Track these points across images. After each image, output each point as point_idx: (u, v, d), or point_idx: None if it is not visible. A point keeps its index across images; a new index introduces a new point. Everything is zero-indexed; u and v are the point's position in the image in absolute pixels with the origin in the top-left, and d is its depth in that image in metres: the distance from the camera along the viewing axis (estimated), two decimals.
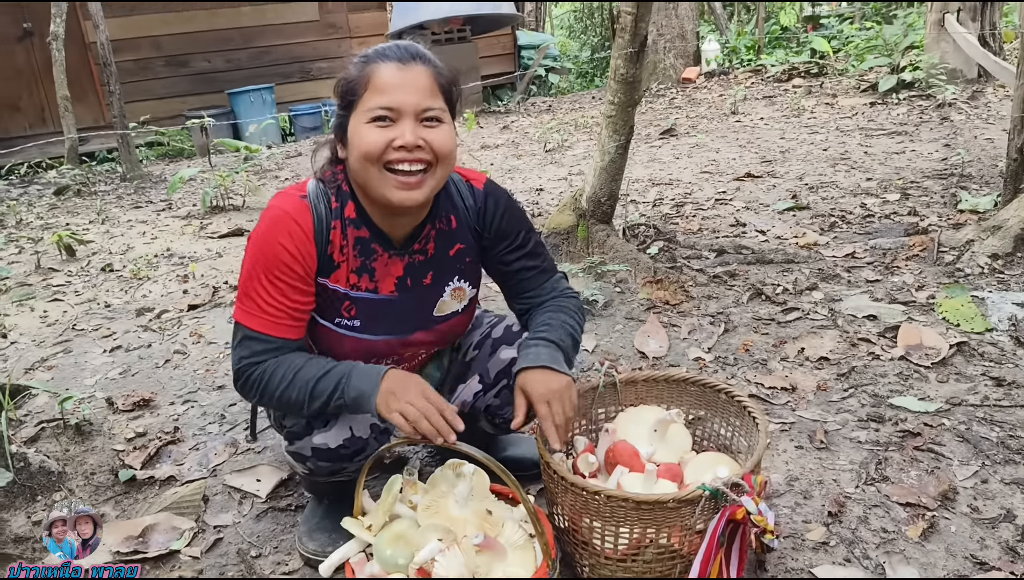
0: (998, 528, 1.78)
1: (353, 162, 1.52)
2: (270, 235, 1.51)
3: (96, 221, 5.48)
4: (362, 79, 1.49)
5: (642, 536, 1.50)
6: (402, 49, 1.51)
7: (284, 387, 1.51)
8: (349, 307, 1.62)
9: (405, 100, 1.47)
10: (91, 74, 9.48)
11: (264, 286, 1.51)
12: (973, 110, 6.14)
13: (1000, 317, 2.72)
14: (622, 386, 1.94)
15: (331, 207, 1.57)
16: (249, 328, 1.53)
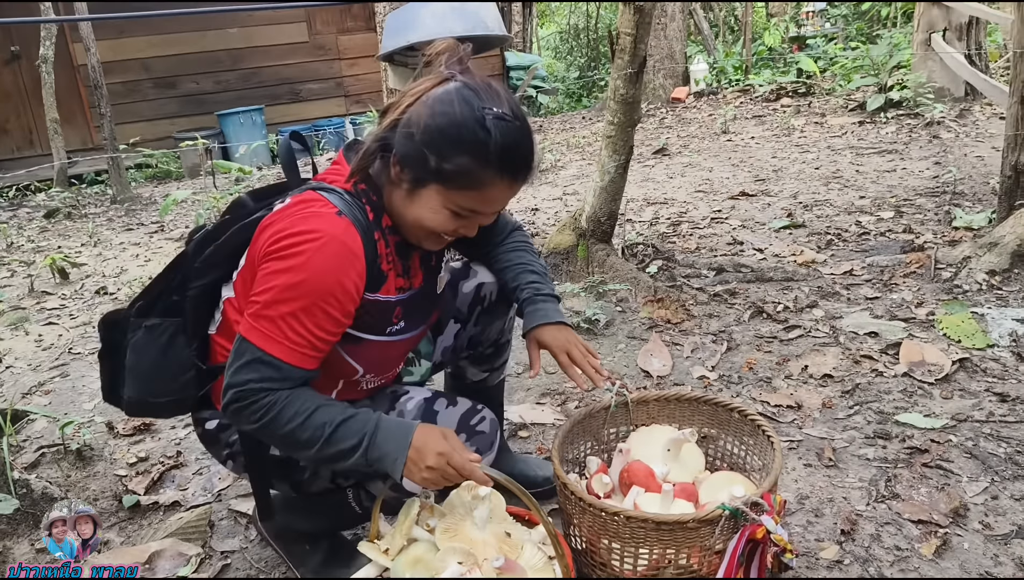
0: (1011, 544, 1.78)
1: (407, 212, 1.44)
2: (322, 265, 1.36)
3: (88, 244, 5.44)
4: (474, 178, 1.36)
5: (661, 557, 1.49)
6: (523, 165, 1.41)
7: (295, 426, 1.37)
8: (397, 314, 1.55)
9: (491, 210, 1.45)
10: (79, 96, 9.46)
11: (297, 316, 1.36)
12: (961, 128, 6.21)
13: (1001, 333, 2.74)
14: (634, 406, 1.93)
15: (368, 219, 1.46)
16: (265, 351, 1.37)
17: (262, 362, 1.37)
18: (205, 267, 1.56)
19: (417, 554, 1.47)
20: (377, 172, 1.47)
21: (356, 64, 10.69)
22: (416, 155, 1.37)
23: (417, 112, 1.38)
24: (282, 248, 1.37)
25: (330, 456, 1.39)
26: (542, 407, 2.56)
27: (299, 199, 1.43)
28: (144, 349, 1.58)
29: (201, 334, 1.62)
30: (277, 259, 1.37)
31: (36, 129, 9.29)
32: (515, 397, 2.66)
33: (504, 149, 1.35)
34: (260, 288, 1.39)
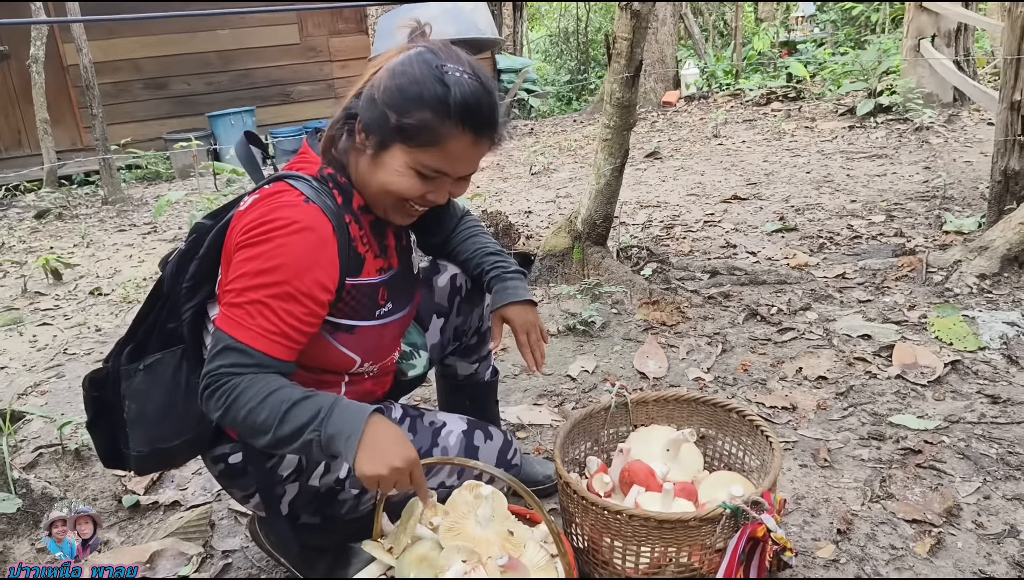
0: (1003, 543, 1.81)
1: (374, 179, 1.43)
2: (290, 251, 1.35)
3: (81, 245, 5.42)
4: (434, 133, 1.36)
5: (663, 555, 1.51)
6: (484, 120, 1.39)
7: (253, 406, 1.32)
8: (383, 293, 1.55)
9: (457, 170, 1.43)
10: (69, 97, 9.41)
11: (267, 302, 1.35)
12: (950, 133, 6.28)
13: (991, 335, 2.77)
14: (633, 406, 1.95)
15: (337, 203, 1.44)
16: (236, 338, 1.34)
17: (233, 349, 1.34)
18: (194, 285, 1.49)
19: (421, 552, 1.48)
20: (343, 146, 1.46)
21: (347, 66, 10.69)
22: (378, 117, 1.37)
23: (379, 77, 1.39)
24: (252, 237, 1.36)
25: (285, 437, 1.32)
26: (539, 408, 2.58)
27: (267, 191, 1.42)
28: (147, 392, 1.51)
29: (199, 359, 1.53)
30: (247, 247, 1.36)
31: (25, 129, 9.24)
32: (512, 398, 2.67)
33: (464, 103, 1.35)
34: (232, 277, 1.37)
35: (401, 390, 1.88)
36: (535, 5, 18.52)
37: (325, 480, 1.59)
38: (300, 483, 1.59)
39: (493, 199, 5.90)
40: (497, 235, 3.68)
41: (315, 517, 1.65)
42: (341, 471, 1.60)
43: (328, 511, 1.63)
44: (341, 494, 1.61)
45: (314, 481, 1.59)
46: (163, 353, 1.53)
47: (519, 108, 11.69)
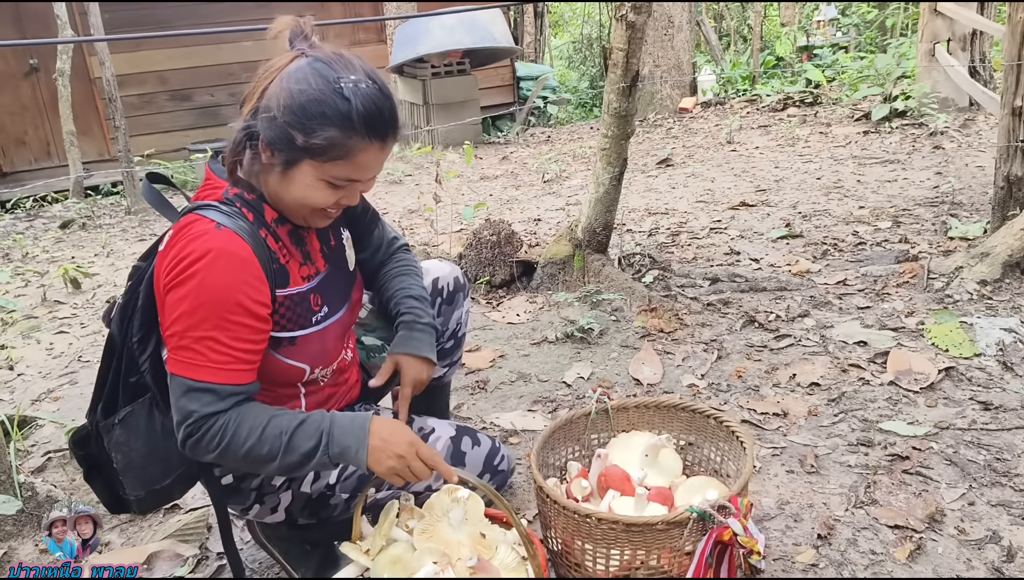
0: (984, 549, 1.82)
1: (286, 193, 1.45)
2: (214, 279, 1.37)
3: (101, 254, 5.56)
4: (343, 148, 1.38)
5: (632, 558, 1.55)
6: (387, 126, 1.41)
7: (252, 443, 1.38)
8: (316, 299, 1.58)
9: (367, 176, 1.46)
10: (96, 108, 9.62)
11: (211, 335, 1.37)
12: (964, 138, 6.23)
13: (988, 342, 2.77)
14: (614, 412, 1.99)
15: (249, 221, 1.46)
16: (195, 379, 1.37)
17: (199, 390, 1.38)
18: (143, 337, 1.50)
19: (395, 554, 1.53)
20: (249, 163, 1.46)
21: None
22: (282, 136, 1.38)
23: (274, 93, 1.38)
24: (175, 276, 1.38)
25: (294, 464, 1.41)
26: (533, 414, 2.62)
27: (179, 226, 1.43)
28: (127, 443, 1.56)
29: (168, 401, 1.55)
30: (175, 288, 1.38)
31: (53, 141, 9.45)
32: (507, 404, 2.72)
33: (367, 114, 1.37)
34: (168, 320, 1.39)
35: (374, 396, 1.93)
36: (558, 12, 18.61)
37: (316, 487, 1.67)
38: (292, 491, 1.67)
39: (504, 207, 5.95)
40: (499, 244, 3.73)
41: (311, 519, 1.73)
42: (331, 478, 1.67)
43: (322, 514, 1.71)
44: (332, 499, 1.69)
45: (305, 488, 1.67)
46: (132, 406, 1.56)
47: (537, 116, 11.74)
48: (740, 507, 1.53)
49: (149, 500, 1.63)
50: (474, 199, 6.07)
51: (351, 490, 1.65)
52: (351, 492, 1.67)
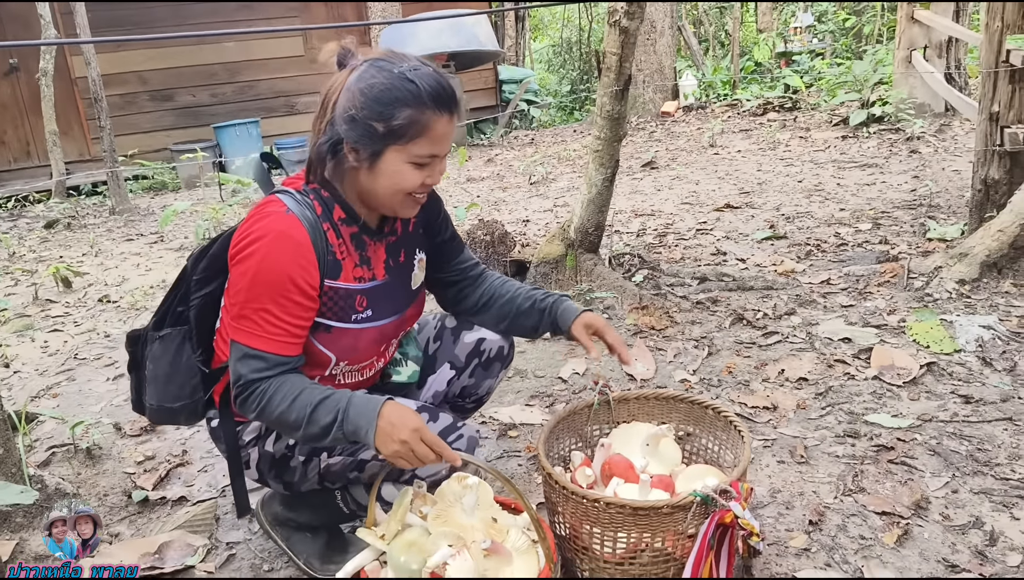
0: (968, 534, 1.90)
1: (378, 186, 1.58)
2: (272, 258, 1.52)
3: (89, 254, 5.56)
4: (420, 124, 1.52)
5: (639, 540, 1.62)
6: (452, 99, 1.56)
7: (283, 409, 1.53)
8: (361, 300, 1.69)
9: (446, 149, 1.60)
10: (77, 108, 9.58)
11: (266, 308, 1.53)
12: (940, 143, 6.38)
13: (967, 339, 2.87)
14: (615, 404, 2.06)
15: (317, 213, 1.60)
16: (249, 347, 1.54)
17: (250, 356, 1.55)
18: (202, 279, 1.71)
19: (411, 538, 1.58)
20: (332, 171, 1.61)
21: None
22: (365, 130, 1.52)
23: (347, 99, 1.53)
24: (239, 251, 1.56)
25: (315, 434, 1.54)
26: (531, 408, 2.69)
27: (258, 206, 1.61)
28: (159, 358, 1.75)
29: (205, 342, 1.77)
30: (238, 263, 1.56)
31: (34, 141, 9.41)
32: (505, 399, 2.78)
33: (432, 90, 1.52)
34: (232, 291, 1.58)
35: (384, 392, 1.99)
36: (538, 16, 18.70)
37: (277, 446, 1.76)
38: (259, 447, 1.77)
39: (492, 208, 6.02)
40: (493, 244, 3.80)
41: (278, 483, 1.81)
42: (291, 439, 1.75)
43: (285, 477, 1.78)
44: (291, 460, 1.75)
45: (269, 447, 1.76)
46: (173, 329, 1.76)
47: (520, 119, 11.83)
48: (741, 491, 1.60)
49: (159, 414, 1.80)
50: (462, 200, 6.13)
51: (307, 454, 1.73)
52: (307, 456, 1.73)
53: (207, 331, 1.77)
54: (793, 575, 1.81)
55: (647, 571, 1.64)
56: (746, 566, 1.82)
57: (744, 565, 1.82)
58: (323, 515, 1.89)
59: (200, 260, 1.72)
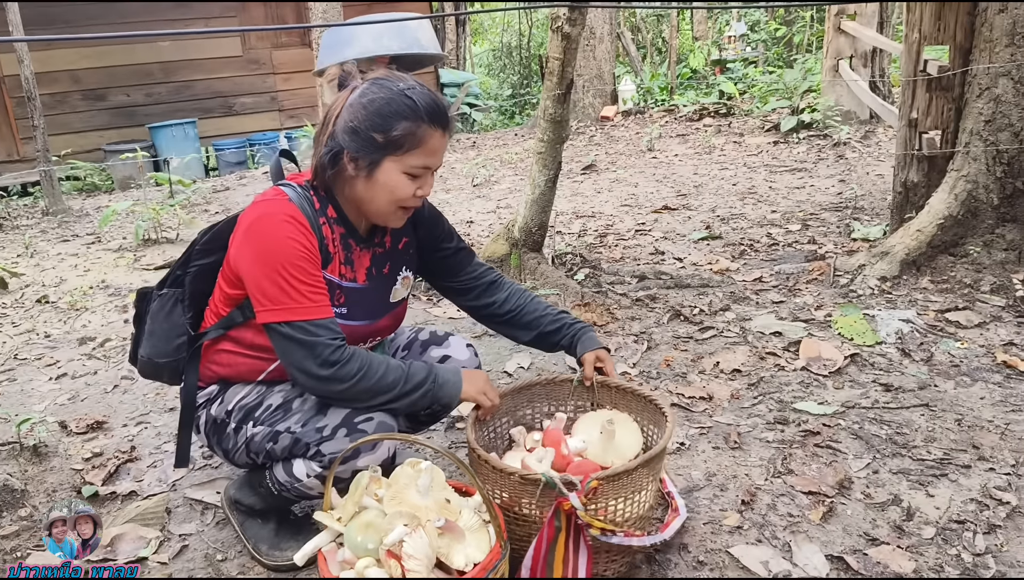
0: (887, 510, 2.04)
1: (373, 195, 1.72)
2: (278, 235, 1.65)
3: (24, 255, 5.44)
4: (416, 137, 1.66)
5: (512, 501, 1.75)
6: (445, 116, 1.71)
7: (383, 371, 1.71)
8: (339, 296, 1.79)
9: (438, 162, 1.75)
10: (5, 108, 9.32)
11: (296, 277, 1.65)
12: (866, 148, 6.68)
13: (888, 331, 3.06)
14: (598, 387, 2.14)
15: (315, 207, 1.74)
16: (302, 320, 1.66)
17: (315, 327, 1.67)
18: (204, 250, 1.88)
19: (367, 519, 1.64)
20: (333, 179, 1.76)
21: (290, 79, 10.76)
22: (365, 141, 1.67)
23: (349, 113, 1.68)
24: (247, 233, 1.69)
25: (408, 391, 1.75)
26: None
27: (263, 194, 1.75)
28: (155, 315, 1.91)
29: (197, 306, 1.92)
30: (251, 246, 1.68)
31: None
32: None
33: (428, 106, 1.67)
34: (252, 284, 1.68)
35: None
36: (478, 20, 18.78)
37: (218, 410, 1.87)
38: (207, 411, 1.89)
39: None
40: None
41: (219, 449, 1.90)
42: (228, 405, 1.85)
43: (223, 444, 1.88)
44: (227, 427, 1.85)
45: (213, 410, 1.88)
46: (170, 290, 1.92)
47: (462, 122, 11.90)
48: (585, 487, 1.66)
49: (147, 367, 1.95)
50: None
51: (237, 422, 1.83)
52: (237, 424, 1.83)
53: (200, 297, 1.91)
54: (727, 551, 1.92)
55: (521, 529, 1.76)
56: (682, 544, 1.94)
57: (680, 544, 1.93)
58: (268, 499, 1.94)
59: (206, 234, 1.89)
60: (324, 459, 1.74)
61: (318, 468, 1.75)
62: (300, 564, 1.70)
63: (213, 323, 1.86)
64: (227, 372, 1.89)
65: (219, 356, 1.88)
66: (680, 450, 2.39)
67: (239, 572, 1.95)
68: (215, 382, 1.92)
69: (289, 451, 1.77)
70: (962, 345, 2.94)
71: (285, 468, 1.81)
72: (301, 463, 1.78)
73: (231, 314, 1.82)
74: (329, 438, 1.72)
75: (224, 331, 1.85)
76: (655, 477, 1.83)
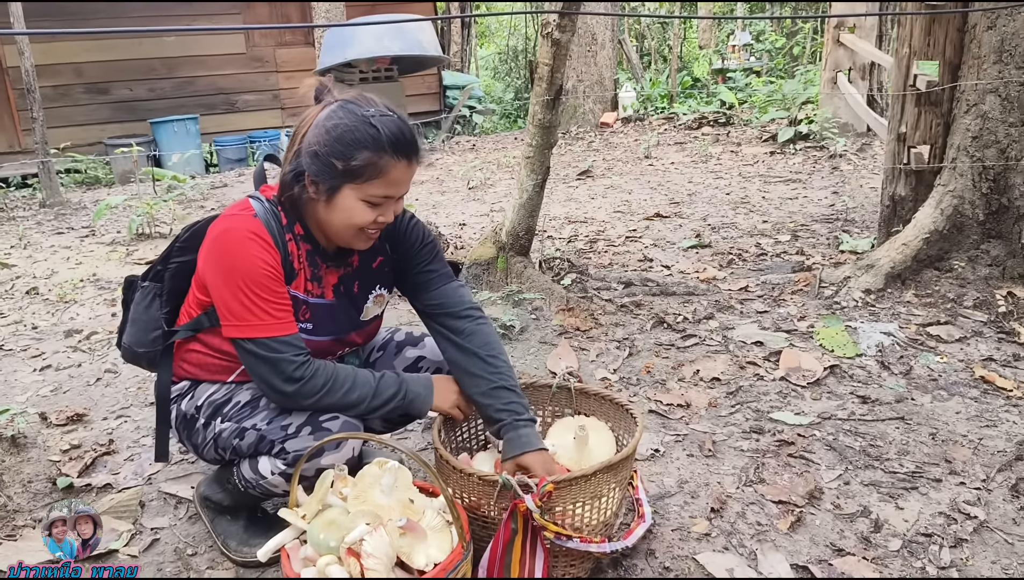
0: (855, 522, 2.06)
1: (333, 219, 1.70)
2: (240, 252, 1.65)
3: (18, 246, 5.46)
4: (376, 167, 1.64)
5: (477, 503, 1.77)
6: (411, 146, 1.67)
7: (348, 387, 1.73)
8: (305, 311, 1.80)
9: (400, 191, 1.73)
10: (8, 99, 9.35)
11: (259, 295, 1.66)
12: (861, 161, 6.69)
13: (869, 344, 3.07)
14: (576, 394, 2.15)
15: (282, 223, 1.74)
16: (265, 337, 1.67)
17: (279, 344, 1.69)
18: (183, 247, 1.90)
19: (330, 517, 1.66)
20: (296, 198, 1.73)
21: (293, 77, 10.79)
22: (325, 166, 1.65)
23: (314, 135, 1.66)
24: (213, 250, 1.70)
25: (376, 406, 1.78)
26: None
27: (233, 207, 1.76)
28: (136, 305, 1.95)
29: (174, 302, 1.94)
30: (215, 261, 1.69)
31: None
32: None
33: (393, 136, 1.64)
34: (217, 298, 1.70)
35: None
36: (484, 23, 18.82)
37: (188, 406, 1.89)
38: (178, 406, 1.91)
39: (429, 212, 6.10)
40: None
41: (189, 443, 1.92)
42: (199, 400, 1.87)
43: (193, 438, 1.90)
44: (197, 422, 1.86)
45: (183, 405, 1.89)
46: (150, 283, 1.95)
47: (462, 124, 11.92)
48: (541, 490, 1.66)
49: (128, 353, 1.99)
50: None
51: (207, 418, 1.85)
52: (207, 419, 1.85)
53: (177, 294, 1.93)
54: (694, 557, 1.94)
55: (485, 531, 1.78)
56: (650, 550, 1.95)
57: (648, 549, 1.95)
58: (236, 496, 1.96)
59: (187, 231, 1.91)
60: (288, 457, 1.75)
61: (282, 466, 1.76)
62: (263, 560, 1.71)
63: (185, 322, 1.88)
64: (197, 372, 1.91)
65: (190, 355, 1.90)
66: (654, 457, 2.40)
67: (208, 567, 1.96)
68: (187, 379, 1.93)
69: (255, 448, 1.78)
70: (942, 359, 2.95)
71: (251, 465, 1.82)
72: (266, 460, 1.79)
73: (199, 318, 1.84)
74: (293, 436, 1.74)
75: (193, 333, 1.86)
76: (619, 484, 1.84)
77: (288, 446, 1.74)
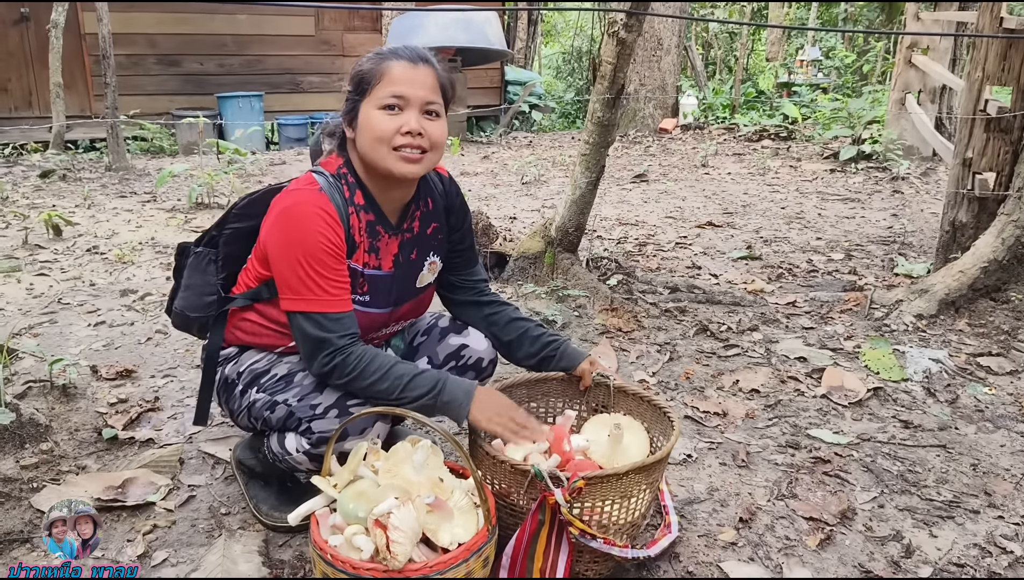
0: (886, 545, 2.02)
1: (363, 142, 1.75)
2: (305, 227, 1.70)
3: (82, 205, 5.63)
4: (377, 71, 1.73)
5: (507, 491, 1.77)
6: (412, 51, 1.76)
7: (378, 377, 1.73)
8: (363, 284, 1.83)
9: (413, 93, 1.73)
10: (83, 64, 9.61)
11: (317, 271, 1.70)
12: (924, 185, 6.55)
13: (916, 369, 3.01)
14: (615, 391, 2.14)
15: (344, 196, 1.78)
16: (317, 312, 1.72)
17: (325, 319, 1.73)
18: (240, 215, 1.96)
19: (360, 488, 1.69)
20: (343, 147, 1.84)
21: None
22: (348, 101, 1.78)
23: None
24: (278, 223, 1.74)
25: (405, 399, 1.75)
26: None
27: (297, 181, 1.81)
28: (191, 270, 2.00)
29: (229, 268, 1.99)
30: (278, 233, 1.74)
31: (36, 91, 9.43)
32: None
33: (389, 49, 1.77)
34: (277, 267, 1.74)
35: None
36: (551, 21, 18.82)
37: (231, 371, 1.94)
38: (223, 370, 1.97)
39: (481, 203, 6.13)
40: (476, 234, 3.91)
41: (226, 408, 1.98)
42: (241, 366, 1.92)
43: (230, 403, 1.95)
44: (235, 388, 1.91)
45: (227, 370, 1.96)
46: (205, 249, 2.01)
47: (521, 120, 11.95)
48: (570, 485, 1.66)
49: (180, 318, 2.04)
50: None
51: (244, 384, 1.89)
52: (244, 386, 1.89)
53: (232, 260, 1.98)
54: (718, 564, 1.93)
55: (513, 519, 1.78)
56: (674, 553, 1.95)
57: (672, 553, 1.94)
58: (265, 465, 2.00)
59: (245, 199, 1.97)
60: (313, 437, 1.79)
61: (307, 444, 1.80)
62: (294, 524, 1.75)
63: (242, 292, 1.92)
64: (250, 339, 1.95)
65: (244, 323, 1.94)
66: (686, 462, 2.39)
67: (239, 527, 2.01)
68: (236, 346, 1.98)
69: (283, 423, 1.82)
70: (990, 391, 2.88)
71: (279, 439, 1.86)
72: (292, 437, 1.83)
73: (259, 289, 1.88)
74: (320, 417, 1.77)
75: (251, 302, 1.90)
76: (651, 486, 1.83)
77: (314, 426, 1.78)
